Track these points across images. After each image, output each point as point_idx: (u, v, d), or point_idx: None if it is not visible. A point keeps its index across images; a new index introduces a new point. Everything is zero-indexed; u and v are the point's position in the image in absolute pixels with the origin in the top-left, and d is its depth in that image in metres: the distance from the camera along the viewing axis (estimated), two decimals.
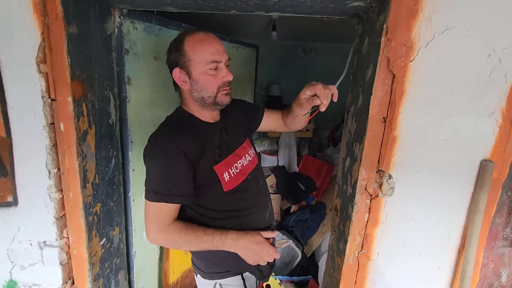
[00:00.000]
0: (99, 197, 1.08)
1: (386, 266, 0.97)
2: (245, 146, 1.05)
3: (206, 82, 0.88)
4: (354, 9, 0.91)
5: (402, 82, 0.81)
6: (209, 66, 0.86)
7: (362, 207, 0.92)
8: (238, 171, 0.97)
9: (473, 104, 0.81)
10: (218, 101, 0.91)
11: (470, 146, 0.84)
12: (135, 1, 0.98)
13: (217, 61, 0.87)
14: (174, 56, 0.89)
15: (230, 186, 0.93)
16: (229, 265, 0.99)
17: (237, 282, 1.01)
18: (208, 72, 0.87)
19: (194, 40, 0.87)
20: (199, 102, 0.92)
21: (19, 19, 0.84)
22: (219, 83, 0.89)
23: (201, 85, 0.88)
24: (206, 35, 0.88)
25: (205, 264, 1.01)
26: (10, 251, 1.03)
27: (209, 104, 0.91)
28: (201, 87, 0.88)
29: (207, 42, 0.87)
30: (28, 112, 0.91)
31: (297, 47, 3.16)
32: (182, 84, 0.90)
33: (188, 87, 0.90)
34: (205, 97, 0.90)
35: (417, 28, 0.77)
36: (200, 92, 0.89)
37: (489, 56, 0.78)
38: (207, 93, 0.89)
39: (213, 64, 0.86)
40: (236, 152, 0.99)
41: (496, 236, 0.95)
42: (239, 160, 0.99)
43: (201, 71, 0.87)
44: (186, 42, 0.87)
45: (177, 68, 0.89)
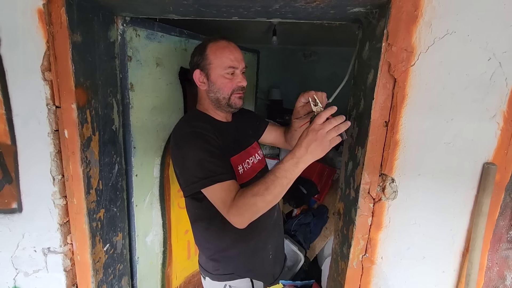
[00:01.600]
0: (102, 203, 1.09)
1: (391, 270, 0.96)
2: (255, 147, 1.14)
3: (222, 84, 0.97)
4: (354, 14, 0.92)
5: (404, 86, 0.81)
6: (227, 71, 0.95)
7: (365, 211, 0.92)
8: (250, 167, 1.03)
9: (475, 107, 0.82)
10: (231, 103, 0.99)
11: (472, 149, 0.85)
12: (138, 9, 1.00)
13: (234, 67, 0.96)
14: (197, 58, 0.98)
15: (243, 180, 0.97)
16: (236, 268, 1.00)
17: (245, 284, 1.02)
18: (225, 76, 0.96)
19: (216, 47, 0.96)
20: (214, 102, 1.00)
21: (24, 28, 0.86)
22: (234, 87, 0.98)
23: (217, 86, 0.97)
24: (228, 43, 0.98)
25: (214, 265, 1.02)
26: (14, 257, 1.03)
27: (223, 105, 1.00)
28: (217, 89, 0.97)
29: (228, 50, 0.96)
30: (32, 119, 0.92)
31: (297, 51, 3.18)
32: (200, 84, 1.00)
33: (206, 87, 0.99)
34: (220, 98, 0.98)
35: (418, 33, 0.78)
36: (216, 93, 0.98)
37: (489, 60, 0.78)
38: (222, 94, 0.98)
39: (230, 69, 0.95)
40: (247, 150, 1.07)
41: (500, 238, 0.95)
42: (250, 157, 1.06)
43: (218, 74, 0.96)
44: (209, 47, 0.97)
45: (198, 70, 0.98)
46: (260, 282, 1.05)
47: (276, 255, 1.11)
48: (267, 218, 1.04)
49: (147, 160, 1.33)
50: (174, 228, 1.56)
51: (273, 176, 0.78)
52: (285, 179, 0.78)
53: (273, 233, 1.09)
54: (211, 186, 0.83)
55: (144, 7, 0.97)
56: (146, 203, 1.37)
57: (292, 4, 0.84)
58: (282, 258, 1.19)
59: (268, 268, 1.07)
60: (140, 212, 1.33)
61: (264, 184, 0.78)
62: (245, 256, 1.00)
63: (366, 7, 0.84)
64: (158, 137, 1.36)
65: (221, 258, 1.01)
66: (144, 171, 1.33)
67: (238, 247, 1.00)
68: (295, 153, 0.77)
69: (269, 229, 1.07)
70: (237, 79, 0.97)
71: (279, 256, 1.14)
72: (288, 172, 0.77)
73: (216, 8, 0.92)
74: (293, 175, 0.78)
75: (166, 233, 1.51)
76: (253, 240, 1.01)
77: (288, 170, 0.77)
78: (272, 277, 1.10)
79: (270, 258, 1.08)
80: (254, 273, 1.03)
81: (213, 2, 0.87)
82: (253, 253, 1.02)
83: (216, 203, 0.85)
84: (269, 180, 0.78)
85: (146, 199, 1.37)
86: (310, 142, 0.75)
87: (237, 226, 0.82)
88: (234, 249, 1.00)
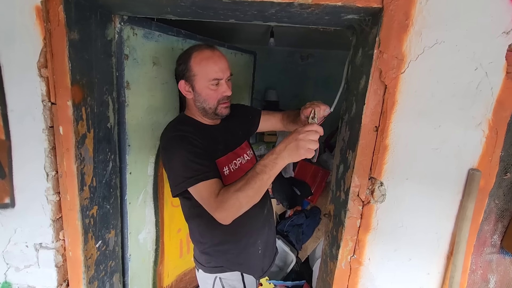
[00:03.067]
0: (96, 200, 1.09)
1: (377, 271, 0.99)
2: (244, 147, 1.14)
3: (207, 96, 0.97)
4: (348, 21, 0.94)
5: (394, 93, 0.84)
6: (211, 82, 0.95)
7: (355, 213, 0.94)
8: (237, 167, 1.04)
9: (461, 115, 0.84)
10: (218, 112, 1.00)
11: (458, 155, 0.87)
12: (136, 8, 1.01)
13: (218, 79, 0.96)
14: (182, 68, 0.98)
15: (230, 181, 0.97)
16: (226, 261, 1.04)
17: (235, 277, 1.06)
18: (209, 87, 0.96)
19: (200, 57, 0.95)
20: (201, 111, 1.01)
21: (22, 25, 0.86)
22: (219, 97, 0.98)
23: (203, 97, 0.98)
24: (212, 53, 0.96)
25: (206, 258, 1.05)
26: (6, 252, 1.03)
27: (210, 114, 1.01)
28: (203, 99, 0.98)
29: (212, 61, 0.95)
30: (28, 115, 0.92)
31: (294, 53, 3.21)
32: (186, 93, 1.01)
33: (192, 97, 1.00)
34: (206, 108, 0.99)
35: (408, 42, 0.80)
36: (202, 103, 0.99)
37: (476, 70, 0.81)
38: (208, 105, 0.99)
39: (215, 81, 0.96)
40: (235, 151, 1.08)
41: (484, 242, 0.98)
42: (238, 158, 1.07)
43: (203, 86, 0.96)
44: (193, 57, 0.96)
45: (183, 81, 0.99)
46: (251, 276, 1.09)
47: (266, 250, 1.15)
48: (256, 217, 1.07)
49: (141, 158, 1.34)
50: (167, 226, 1.56)
51: (253, 172, 0.81)
52: (264, 174, 0.80)
53: (262, 230, 1.12)
54: (196, 184, 0.85)
55: (142, 7, 0.98)
56: (139, 201, 1.37)
57: (288, 9, 0.86)
58: (272, 252, 1.22)
59: (257, 262, 1.11)
60: (133, 209, 1.34)
61: (245, 180, 0.81)
62: (235, 251, 1.04)
63: (360, 14, 0.87)
64: (152, 135, 1.37)
65: (212, 252, 1.04)
66: (138, 169, 1.33)
67: (228, 243, 1.03)
68: (275, 150, 0.80)
69: (259, 227, 1.10)
70: (222, 89, 0.98)
71: (268, 251, 1.17)
72: (267, 168, 0.80)
73: (213, 10, 0.94)
74: (272, 171, 0.80)
75: (158, 231, 1.52)
76: (243, 237, 1.05)
77: (267, 165, 0.80)
78: (261, 270, 1.13)
79: (259, 253, 1.11)
80: (243, 267, 1.06)
81: (211, 5, 0.88)
82: (243, 248, 1.06)
83: (202, 201, 0.87)
84: (250, 176, 0.81)
85: (140, 197, 1.37)
86: (290, 141, 0.78)
87: (223, 222, 0.84)
88: (225, 245, 1.03)
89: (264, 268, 1.15)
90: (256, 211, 1.06)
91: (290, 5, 0.83)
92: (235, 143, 1.10)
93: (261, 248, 1.12)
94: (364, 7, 0.80)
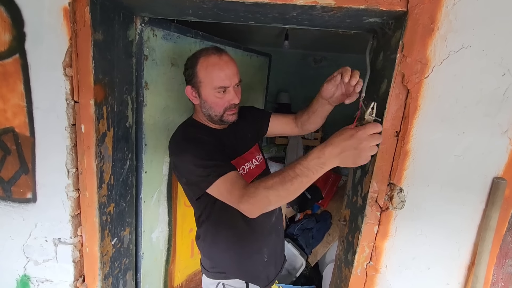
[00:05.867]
0: (113, 198, 1.11)
1: (394, 279, 0.97)
2: (253, 151, 1.09)
3: (213, 103, 0.94)
4: (370, 24, 0.93)
5: (416, 97, 0.82)
6: (217, 90, 0.91)
7: (372, 219, 0.93)
8: (245, 173, 1.02)
9: (487, 122, 0.82)
10: (224, 120, 0.97)
11: (482, 163, 0.85)
12: (158, 9, 1.02)
13: (225, 87, 0.91)
14: (188, 73, 0.95)
15: None
16: (229, 268, 1.02)
17: (239, 285, 1.03)
18: (215, 95, 0.92)
19: (206, 63, 0.91)
20: (207, 117, 0.98)
21: (50, 25, 0.89)
22: (226, 105, 0.94)
23: (209, 104, 0.94)
24: (219, 59, 0.91)
25: (210, 263, 1.04)
26: (26, 246, 1.06)
27: (216, 121, 0.98)
28: (209, 106, 0.95)
29: (218, 68, 0.90)
30: (52, 113, 0.95)
31: (307, 56, 3.19)
32: (193, 99, 0.98)
33: (198, 103, 0.97)
34: (212, 115, 0.96)
35: (433, 46, 0.79)
36: (208, 110, 0.96)
37: (503, 76, 0.79)
38: (214, 112, 0.96)
39: (221, 89, 0.91)
40: (244, 156, 1.04)
41: (507, 254, 0.95)
42: (246, 163, 1.04)
43: (209, 93, 0.93)
44: (200, 63, 0.92)
45: (189, 86, 0.96)
46: (256, 286, 1.06)
47: (272, 258, 1.10)
48: (262, 223, 1.03)
49: (157, 158, 1.36)
50: (179, 226, 1.58)
51: (292, 173, 0.71)
52: (305, 177, 0.70)
53: (269, 237, 1.08)
54: (215, 182, 0.82)
55: (164, 8, 0.99)
56: (154, 199, 1.39)
57: (310, 12, 0.86)
58: (280, 261, 1.17)
59: (262, 270, 1.07)
60: (147, 208, 1.35)
61: (281, 179, 0.72)
62: (239, 258, 1.02)
63: (383, 18, 0.86)
64: (168, 135, 1.38)
65: (216, 257, 1.04)
66: (154, 168, 1.35)
67: (231, 249, 1.02)
68: (325, 152, 0.68)
69: (265, 234, 1.06)
70: (228, 97, 0.93)
71: (275, 259, 1.12)
72: (310, 171, 0.69)
73: (234, 12, 0.94)
74: (315, 175, 0.70)
75: (171, 230, 1.53)
76: (247, 243, 1.02)
77: (311, 169, 0.69)
78: (267, 279, 1.08)
79: (265, 261, 1.07)
80: (247, 275, 1.04)
81: (232, 7, 0.89)
82: (247, 255, 1.03)
83: (223, 197, 0.83)
84: (287, 176, 0.72)
85: (154, 196, 1.39)
86: (349, 148, 0.66)
87: (248, 215, 0.79)
88: (229, 251, 1.02)
89: (270, 277, 1.10)
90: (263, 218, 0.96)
91: (312, 8, 0.82)
92: (243, 147, 1.06)
93: (267, 256, 1.07)
94: (388, 11, 0.79)
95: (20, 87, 0.93)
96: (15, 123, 0.96)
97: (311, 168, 0.69)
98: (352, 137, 0.65)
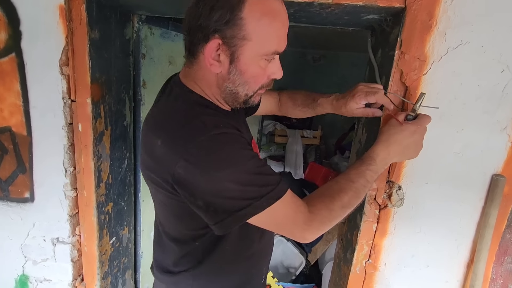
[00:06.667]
0: (111, 197, 1.11)
1: (393, 277, 0.97)
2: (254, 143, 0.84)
3: (252, 78, 0.61)
4: (368, 21, 0.93)
5: (415, 94, 0.81)
6: (267, 57, 0.59)
7: (371, 217, 0.92)
8: None
9: (486, 118, 0.82)
10: (249, 101, 0.65)
11: (481, 160, 0.84)
12: (155, 7, 1.02)
13: (279, 53, 0.61)
14: (220, 16, 0.54)
15: None
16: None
17: None
18: (260, 64, 0.60)
19: (262, 9, 0.55)
20: (227, 96, 0.64)
21: (46, 23, 0.88)
22: (264, 81, 0.63)
23: (244, 78, 0.60)
24: (281, 4, 0.58)
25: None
26: (24, 246, 1.06)
27: (238, 102, 0.65)
28: (243, 81, 0.61)
29: (280, 20, 0.57)
30: (49, 112, 0.94)
31: (306, 55, 3.19)
32: (212, 63, 0.58)
33: (222, 71, 0.60)
34: (241, 95, 0.63)
35: (431, 43, 0.78)
36: (237, 86, 0.61)
37: (502, 72, 0.78)
38: (246, 91, 0.62)
39: (273, 56, 0.60)
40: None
41: (506, 251, 0.94)
42: None
43: (253, 61, 0.59)
44: (249, 6, 0.54)
45: (218, 40, 0.56)
46: None
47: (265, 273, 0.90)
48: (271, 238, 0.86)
49: None
50: None
51: (364, 181, 0.62)
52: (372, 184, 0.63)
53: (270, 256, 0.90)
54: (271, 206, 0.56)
55: (161, 6, 0.99)
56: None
57: (307, 9, 0.85)
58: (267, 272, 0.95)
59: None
60: (146, 207, 1.35)
61: (355, 191, 0.61)
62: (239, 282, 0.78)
63: (381, 14, 0.85)
64: None
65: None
66: None
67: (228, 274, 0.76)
68: (390, 152, 0.64)
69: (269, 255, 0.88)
70: (272, 68, 0.62)
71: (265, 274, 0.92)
72: (377, 175, 0.64)
73: None
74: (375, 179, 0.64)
75: None
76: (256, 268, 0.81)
77: (378, 172, 0.64)
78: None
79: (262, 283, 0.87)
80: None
81: None
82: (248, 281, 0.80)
83: (279, 224, 0.60)
84: (360, 187, 0.61)
85: None
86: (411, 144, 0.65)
87: (306, 242, 0.62)
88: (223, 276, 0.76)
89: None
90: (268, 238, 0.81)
91: (310, 5, 0.82)
92: (248, 136, 0.81)
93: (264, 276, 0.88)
94: (386, 7, 0.78)
95: (16, 86, 0.93)
96: (12, 122, 0.95)
97: (379, 172, 0.64)
98: (415, 133, 0.65)
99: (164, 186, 0.59)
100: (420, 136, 0.68)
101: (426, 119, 0.69)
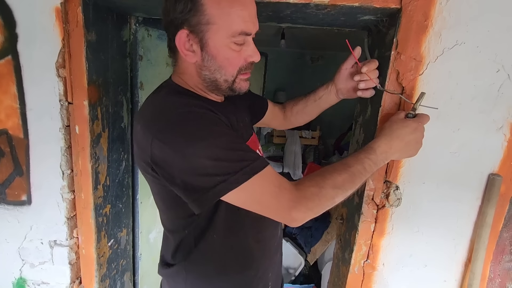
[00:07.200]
0: (109, 199, 1.11)
1: (392, 276, 0.97)
2: (255, 140, 0.84)
3: (226, 61, 0.62)
4: (364, 22, 0.93)
5: (411, 95, 0.82)
6: (236, 39, 0.60)
7: (369, 217, 0.92)
8: None
9: (482, 118, 0.82)
10: (235, 87, 0.66)
11: (478, 160, 0.85)
12: (152, 9, 1.02)
13: (247, 33, 0.61)
14: (184, 7, 0.57)
15: None
16: None
17: None
18: (231, 47, 0.61)
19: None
20: (208, 85, 0.65)
21: (42, 25, 0.88)
22: (242, 64, 0.64)
23: (218, 63, 0.62)
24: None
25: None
26: (22, 249, 1.05)
27: (222, 90, 0.66)
28: (218, 66, 0.62)
29: (239, 2, 0.59)
30: (45, 114, 0.94)
31: (304, 55, 3.20)
32: (187, 54, 0.61)
33: (196, 60, 0.62)
34: (220, 81, 0.64)
35: (427, 43, 0.79)
36: (214, 72, 0.63)
37: (498, 72, 0.79)
38: (224, 76, 0.63)
39: (241, 37, 0.60)
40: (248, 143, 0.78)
41: (503, 250, 0.95)
42: None
43: (222, 44, 0.60)
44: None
45: (185, 30, 0.59)
46: None
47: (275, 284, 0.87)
48: (272, 239, 0.81)
49: None
50: None
51: (361, 168, 0.61)
52: (370, 174, 0.63)
53: (275, 257, 0.85)
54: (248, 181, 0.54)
55: (158, 8, 0.98)
56: (150, 200, 1.38)
57: (303, 10, 0.85)
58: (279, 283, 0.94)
59: None
60: (144, 209, 1.35)
61: (350, 175, 0.60)
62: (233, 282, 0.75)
63: (377, 15, 0.85)
64: None
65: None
66: None
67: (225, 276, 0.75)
68: (392, 146, 0.64)
69: (272, 254, 0.83)
70: (247, 51, 0.63)
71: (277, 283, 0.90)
72: (376, 167, 0.63)
73: None
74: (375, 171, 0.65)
75: None
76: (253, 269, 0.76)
77: (378, 164, 0.63)
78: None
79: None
80: None
81: None
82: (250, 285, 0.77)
83: (261, 202, 0.58)
84: (356, 171, 0.60)
85: (151, 197, 1.38)
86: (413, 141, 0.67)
87: (292, 225, 0.59)
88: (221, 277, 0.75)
89: None
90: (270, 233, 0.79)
91: (306, 6, 0.82)
92: (247, 133, 0.79)
93: (271, 282, 0.83)
94: (382, 8, 0.79)
95: (13, 88, 0.92)
96: (8, 125, 0.95)
97: (378, 163, 0.63)
98: (416, 130, 0.67)
99: (148, 170, 0.61)
100: (421, 134, 0.70)
101: (426, 118, 0.71)
